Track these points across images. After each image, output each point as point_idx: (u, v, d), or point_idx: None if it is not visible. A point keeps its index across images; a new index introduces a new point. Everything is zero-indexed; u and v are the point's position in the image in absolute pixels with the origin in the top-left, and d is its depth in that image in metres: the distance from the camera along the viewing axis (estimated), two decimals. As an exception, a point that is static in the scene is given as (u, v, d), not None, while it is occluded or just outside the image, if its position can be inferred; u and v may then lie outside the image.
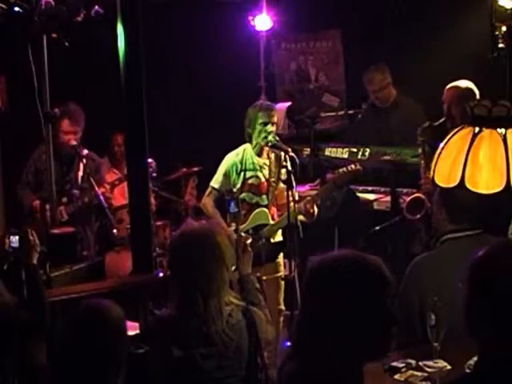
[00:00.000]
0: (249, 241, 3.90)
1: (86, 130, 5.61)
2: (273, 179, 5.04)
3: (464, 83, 4.94)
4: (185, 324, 2.98)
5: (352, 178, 5.02)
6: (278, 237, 5.04)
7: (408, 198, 5.02)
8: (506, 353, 1.97)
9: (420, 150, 4.82)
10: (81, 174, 5.46)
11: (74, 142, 5.36)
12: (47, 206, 4.94)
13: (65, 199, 5.33)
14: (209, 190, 5.14)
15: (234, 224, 4.68)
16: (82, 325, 2.50)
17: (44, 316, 3.30)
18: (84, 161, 5.40)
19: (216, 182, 5.09)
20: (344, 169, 4.94)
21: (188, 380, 2.99)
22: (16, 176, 5.61)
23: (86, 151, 5.45)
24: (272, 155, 5.06)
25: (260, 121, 4.92)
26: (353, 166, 4.94)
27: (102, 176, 5.59)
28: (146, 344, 3.20)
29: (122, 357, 2.51)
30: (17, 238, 3.39)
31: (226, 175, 5.06)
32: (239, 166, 5.04)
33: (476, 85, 4.97)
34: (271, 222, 4.99)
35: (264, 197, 5.05)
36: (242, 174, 5.04)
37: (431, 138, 4.72)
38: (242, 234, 4.59)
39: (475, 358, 2.42)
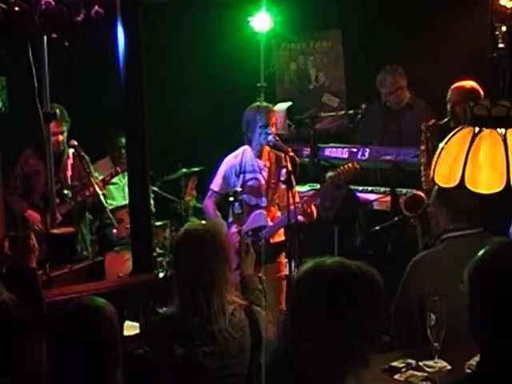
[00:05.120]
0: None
1: (87, 131, 5.60)
2: (273, 181, 5.05)
3: (469, 83, 4.96)
4: (187, 322, 2.98)
5: (350, 176, 5.04)
6: (279, 237, 5.04)
7: (406, 196, 5.02)
8: (507, 353, 1.97)
9: (423, 147, 4.82)
10: (69, 173, 5.43)
11: (74, 142, 5.35)
12: (47, 219, 4.90)
13: (57, 200, 5.30)
14: (209, 192, 5.16)
15: (236, 225, 4.68)
16: (75, 321, 2.50)
17: (42, 317, 3.30)
18: (72, 160, 5.39)
19: (216, 184, 5.12)
20: (341, 167, 4.96)
21: (190, 378, 2.99)
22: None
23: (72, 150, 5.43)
24: (272, 156, 5.07)
25: (259, 124, 4.93)
26: (350, 165, 4.96)
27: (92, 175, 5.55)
28: (148, 343, 3.19)
29: (117, 354, 2.51)
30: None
31: (225, 178, 5.08)
32: (238, 168, 5.06)
33: (476, 85, 4.98)
34: (270, 224, 5.00)
35: (264, 198, 5.07)
36: (242, 176, 5.05)
37: (435, 136, 4.72)
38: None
39: (476, 358, 2.42)
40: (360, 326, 2.03)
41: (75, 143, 5.33)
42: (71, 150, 5.39)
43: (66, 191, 5.35)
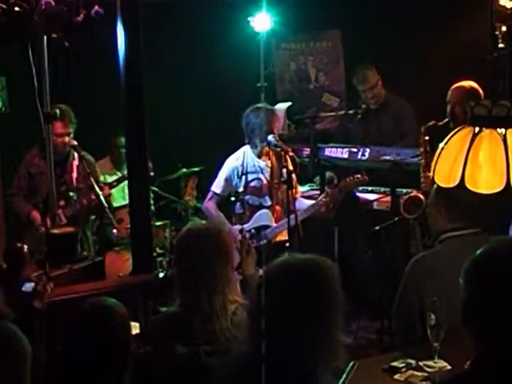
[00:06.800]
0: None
1: (87, 131, 5.60)
2: (276, 181, 5.05)
3: (469, 83, 4.97)
4: (189, 321, 2.98)
5: (358, 186, 5.15)
6: (281, 236, 5.05)
7: (405, 197, 5.03)
8: (501, 351, 1.98)
9: (422, 149, 4.82)
10: (75, 175, 5.42)
11: (74, 142, 5.35)
12: (48, 219, 4.90)
13: (62, 202, 5.30)
14: (210, 194, 5.16)
15: (238, 225, 4.69)
16: (89, 323, 2.50)
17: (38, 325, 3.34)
18: (77, 161, 5.38)
19: (217, 186, 5.11)
20: (351, 178, 4.99)
21: (192, 377, 2.99)
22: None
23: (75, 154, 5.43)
24: (273, 156, 5.07)
25: (265, 128, 4.92)
26: (359, 176, 5.00)
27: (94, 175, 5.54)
28: (149, 342, 3.19)
29: (127, 355, 2.51)
30: (32, 284, 3.43)
31: (228, 180, 5.08)
32: (240, 169, 5.07)
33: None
34: (274, 224, 5.01)
35: (267, 198, 5.08)
36: (244, 177, 5.06)
37: (434, 137, 4.72)
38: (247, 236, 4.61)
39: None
40: (328, 317, 2.04)
41: (75, 143, 5.33)
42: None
43: (71, 193, 5.34)
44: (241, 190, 5.02)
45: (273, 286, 2.07)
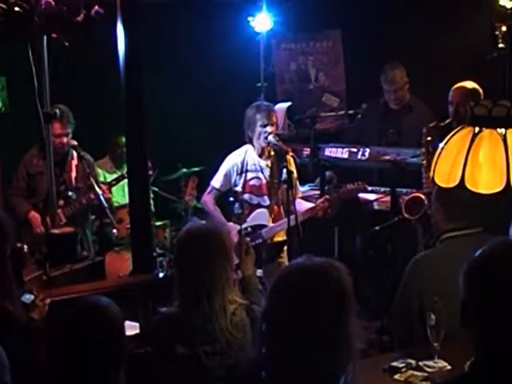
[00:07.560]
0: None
1: (87, 131, 5.60)
2: (275, 180, 5.06)
3: (470, 83, 4.96)
4: (189, 321, 2.98)
5: (357, 193, 5.22)
6: (279, 237, 5.05)
7: (406, 198, 5.03)
8: (501, 352, 1.98)
9: (424, 150, 4.80)
10: (74, 174, 5.42)
11: (74, 142, 5.35)
12: (47, 219, 4.89)
13: (61, 202, 5.30)
14: (210, 188, 5.19)
15: (237, 225, 4.70)
16: (81, 322, 2.50)
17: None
18: (76, 161, 5.38)
19: (217, 181, 5.14)
20: (349, 186, 5.04)
21: (191, 377, 2.99)
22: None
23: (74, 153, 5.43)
24: (274, 156, 5.08)
25: (259, 123, 4.95)
26: (360, 183, 5.10)
27: (93, 175, 5.54)
28: (149, 342, 3.19)
29: (122, 353, 2.51)
30: (32, 297, 3.45)
31: (227, 176, 5.09)
32: (240, 166, 5.07)
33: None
34: (271, 224, 5.01)
35: (266, 197, 5.08)
36: (243, 175, 5.07)
37: (437, 138, 4.71)
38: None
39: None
40: (348, 321, 2.01)
41: (74, 143, 5.33)
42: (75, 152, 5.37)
43: (70, 193, 5.34)
44: (239, 188, 5.02)
45: (293, 292, 2.00)
